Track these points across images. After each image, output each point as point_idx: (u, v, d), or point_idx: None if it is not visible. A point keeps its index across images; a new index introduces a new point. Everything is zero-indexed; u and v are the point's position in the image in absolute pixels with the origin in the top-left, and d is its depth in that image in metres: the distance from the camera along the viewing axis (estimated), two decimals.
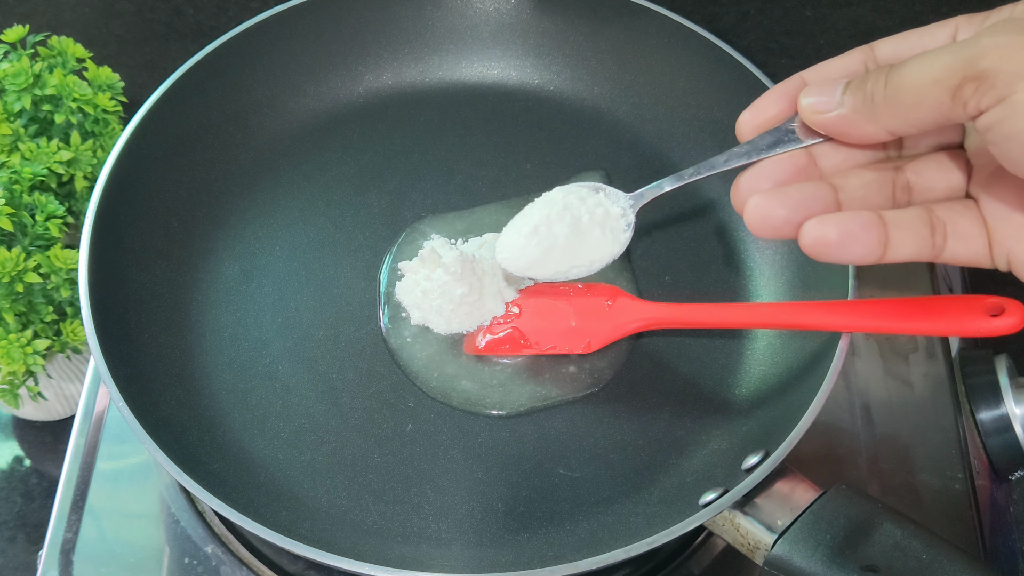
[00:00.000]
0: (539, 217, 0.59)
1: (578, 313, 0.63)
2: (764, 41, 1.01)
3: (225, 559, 0.63)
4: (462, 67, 0.80)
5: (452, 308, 0.64)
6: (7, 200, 0.69)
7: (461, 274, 0.64)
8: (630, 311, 0.63)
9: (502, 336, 0.64)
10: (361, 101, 0.78)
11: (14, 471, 0.84)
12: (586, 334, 0.63)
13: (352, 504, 0.59)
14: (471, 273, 0.64)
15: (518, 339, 0.64)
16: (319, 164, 0.75)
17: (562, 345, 0.63)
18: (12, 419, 0.86)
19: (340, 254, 0.70)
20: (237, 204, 0.72)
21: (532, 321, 0.64)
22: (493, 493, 0.60)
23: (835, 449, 0.68)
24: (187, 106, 0.70)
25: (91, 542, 0.64)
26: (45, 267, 0.69)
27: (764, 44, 1.00)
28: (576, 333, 0.63)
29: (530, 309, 0.64)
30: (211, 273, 0.69)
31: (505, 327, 0.64)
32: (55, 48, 0.78)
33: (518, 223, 0.60)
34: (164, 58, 1.01)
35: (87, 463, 0.67)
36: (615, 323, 0.63)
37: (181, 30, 1.04)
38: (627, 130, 0.77)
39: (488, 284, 0.64)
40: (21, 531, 0.80)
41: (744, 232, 0.71)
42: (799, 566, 0.50)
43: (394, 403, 0.63)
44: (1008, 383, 0.70)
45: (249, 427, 0.62)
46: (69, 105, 0.76)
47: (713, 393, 0.64)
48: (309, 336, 0.66)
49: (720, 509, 0.52)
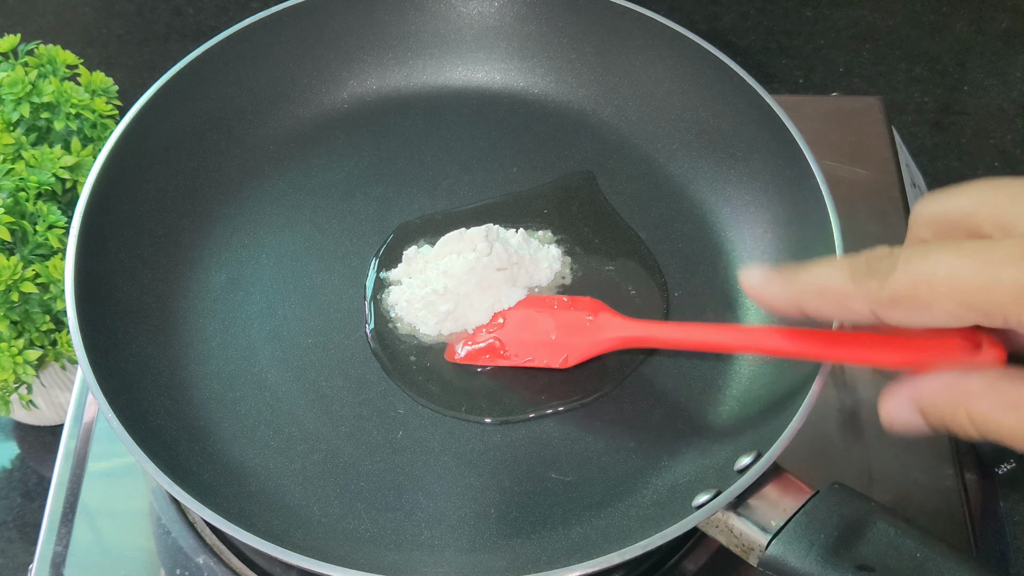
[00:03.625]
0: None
1: (559, 327, 0.64)
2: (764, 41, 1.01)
3: (217, 570, 0.63)
4: (446, 71, 0.80)
5: (436, 320, 0.64)
6: (8, 208, 0.69)
7: (445, 290, 0.64)
8: (610, 327, 0.63)
9: (482, 347, 0.64)
10: (346, 107, 0.78)
11: (14, 471, 0.84)
12: (565, 348, 0.63)
13: (344, 512, 0.59)
14: (458, 287, 0.64)
15: (498, 350, 0.64)
16: (304, 170, 0.74)
17: (539, 358, 0.63)
18: (12, 420, 0.85)
19: (327, 260, 0.70)
20: (223, 212, 0.72)
21: (514, 333, 0.64)
22: (485, 498, 0.60)
23: (827, 449, 0.68)
24: (171, 114, 0.70)
25: (82, 554, 0.64)
26: (44, 277, 0.69)
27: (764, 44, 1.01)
28: (555, 347, 0.63)
29: (514, 320, 0.64)
30: (198, 282, 0.68)
31: (487, 338, 0.64)
32: (44, 56, 0.78)
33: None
34: (164, 58, 1.01)
35: (76, 474, 0.67)
36: (594, 339, 0.63)
37: (181, 30, 1.03)
38: (612, 132, 0.77)
39: (476, 295, 0.64)
40: (21, 531, 0.80)
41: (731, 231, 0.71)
42: (793, 566, 0.50)
43: (384, 410, 0.63)
44: None
45: (239, 436, 0.62)
46: (67, 111, 0.75)
47: (704, 395, 0.64)
48: (298, 344, 0.66)
49: (713, 511, 0.52)
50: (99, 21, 1.03)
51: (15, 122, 0.74)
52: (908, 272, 0.40)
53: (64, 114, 0.76)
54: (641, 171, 0.75)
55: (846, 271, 0.43)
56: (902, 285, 0.40)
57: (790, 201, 0.68)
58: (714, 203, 0.72)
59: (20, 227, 0.70)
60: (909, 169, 0.85)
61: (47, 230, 0.71)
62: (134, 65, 1.01)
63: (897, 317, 0.42)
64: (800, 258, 0.65)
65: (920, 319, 0.41)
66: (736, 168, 0.72)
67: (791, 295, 0.46)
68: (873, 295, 0.41)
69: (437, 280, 0.65)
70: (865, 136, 0.85)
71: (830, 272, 0.44)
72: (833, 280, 0.43)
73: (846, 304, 0.43)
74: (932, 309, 0.40)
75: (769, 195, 0.70)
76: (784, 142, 0.67)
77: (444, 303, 0.64)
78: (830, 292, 0.44)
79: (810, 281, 0.45)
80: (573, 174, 0.75)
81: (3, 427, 0.86)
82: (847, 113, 0.87)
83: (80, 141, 0.76)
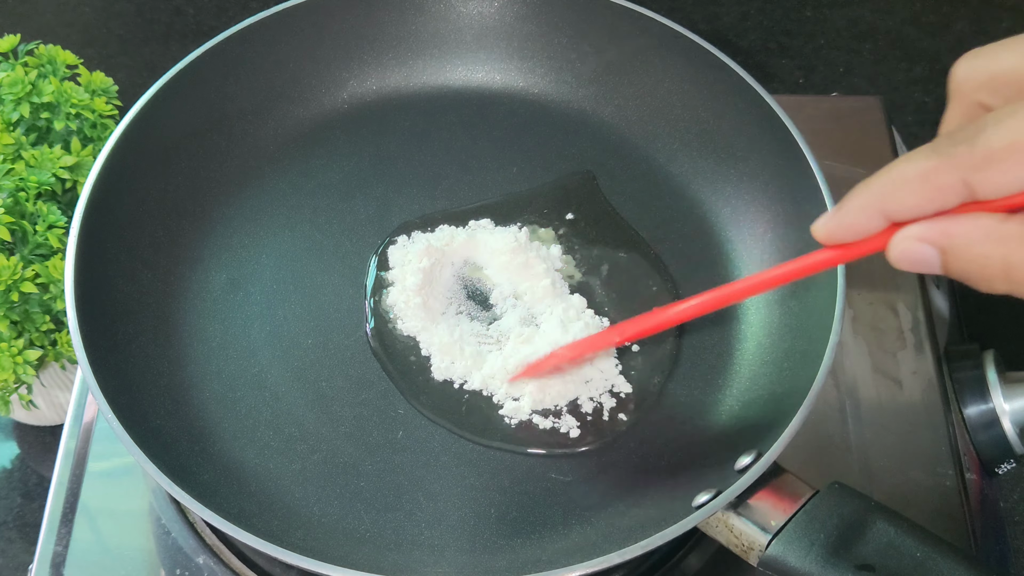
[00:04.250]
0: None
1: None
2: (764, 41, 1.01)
3: (217, 570, 0.63)
4: (446, 71, 0.80)
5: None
6: (8, 208, 0.69)
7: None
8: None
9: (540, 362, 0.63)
10: (345, 107, 0.78)
11: (14, 471, 0.84)
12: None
13: (344, 512, 0.59)
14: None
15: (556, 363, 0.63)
16: (304, 171, 0.74)
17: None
18: (12, 420, 0.86)
19: (328, 261, 0.70)
20: (223, 212, 0.72)
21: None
22: (485, 499, 0.60)
23: (827, 448, 0.68)
24: (171, 114, 0.70)
25: (82, 554, 0.64)
26: (44, 277, 0.69)
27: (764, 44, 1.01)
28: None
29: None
30: (198, 282, 0.68)
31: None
32: (44, 56, 0.78)
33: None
34: (164, 58, 1.01)
35: (76, 474, 0.67)
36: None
37: (181, 30, 1.04)
38: (613, 132, 0.77)
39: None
40: (21, 531, 0.80)
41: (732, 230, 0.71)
42: (794, 566, 0.50)
43: (384, 410, 0.63)
44: (995, 378, 0.70)
45: (239, 436, 0.62)
46: (67, 111, 0.75)
47: (704, 394, 0.64)
48: (298, 344, 0.66)
49: (714, 510, 0.52)
50: (99, 21, 1.03)
51: (15, 122, 0.74)
52: (999, 129, 0.38)
53: (64, 114, 0.76)
54: (641, 171, 0.75)
55: (927, 152, 0.40)
56: (996, 140, 0.38)
57: (790, 201, 0.68)
58: (714, 203, 0.72)
59: (20, 227, 0.70)
60: None
61: (47, 230, 0.71)
62: (134, 65, 1.01)
63: (993, 180, 0.39)
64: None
65: (1018, 175, 0.38)
66: (736, 168, 0.72)
67: (872, 200, 0.42)
68: (964, 160, 0.39)
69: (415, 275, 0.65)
70: (865, 136, 0.85)
71: (908, 161, 0.41)
72: (915, 164, 0.40)
73: (935, 182, 0.40)
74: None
75: (769, 195, 0.70)
76: (784, 142, 0.67)
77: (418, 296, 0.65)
78: (915, 176, 0.41)
79: (890, 176, 0.41)
80: (573, 174, 0.75)
81: (3, 427, 0.86)
82: (847, 113, 0.87)
83: (80, 141, 0.76)
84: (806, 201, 0.65)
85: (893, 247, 0.42)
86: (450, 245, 0.69)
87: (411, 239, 0.70)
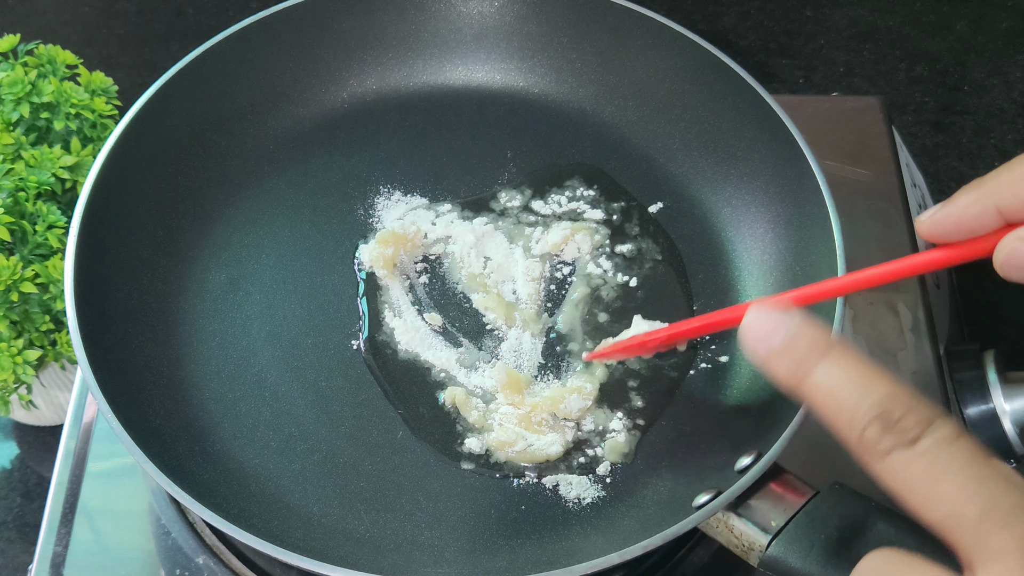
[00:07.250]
0: None
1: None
2: (764, 41, 1.01)
3: (217, 570, 0.63)
4: (446, 71, 0.80)
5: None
6: (7, 208, 0.69)
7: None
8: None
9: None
10: (346, 106, 0.78)
11: (14, 471, 0.84)
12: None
13: (344, 512, 0.59)
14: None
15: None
16: (304, 170, 0.74)
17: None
18: (12, 420, 0.86)
19: (327, 261, 0.70)
20: (223, 212, 0.72)
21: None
22: (485, 499, 0.60)
23: (827, 449, 0.68)
24: (171, 114, 0.70)
25: (82, 554, 0.64)
26: (43, 277, 0.69)
27: (764, 44, 1.01)
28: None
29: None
30: (198, 282, 0.68)
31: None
32: (44, 56, 0.78)
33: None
34: (164, 58, 1.01)
35: (76, 474, 0.67)
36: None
37: (181, 30, 1.04)
38: (613, 131, 0.77)
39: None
40: (20, 531, 0.80)
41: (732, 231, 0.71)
42: (794, 566, 0.50)
43: (384, 410, 0.63)
44: (996, 378, 0.70)
45: (239, 436, 0.62)
46: (67, 111, 0.75)
47: (704, 395, 0.64)
48: (297, 344, 0.66)
49: (714, 511, 0.52)
50: (99, 21, 1.04)
51: (15, 122, 0.74)
52: None
53: (64, 114, 0.76)
54: (642, 170, 0.75)
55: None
56: None
57: (790, 201, 0.68)
58: (714, 203, 0.72)
59: (20, 227, 0.70)
60: (909, 169, 0.85)
61: (47, 230, 0.71)
62: (134, 65, 1.01)
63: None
64: (800, 258, 0.65)
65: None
66: (736, 168, 0.72)
67: (986, 194, 0.39)
68: None
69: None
70: (865, 136, 0.85)
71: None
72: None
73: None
74: None
75: (769, 195, 0.70)
76: (784, 142, 0.67)
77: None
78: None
79: (1010, 169, 0.39)
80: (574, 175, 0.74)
81: (3, 427, 0.86)
82: (847, 113, 0.87)
83: (80, 141, 0.76)
84: (806, 201, 0.65)
85: (1002, 248, 0.39)
86: (449, 244, 0.69)
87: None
